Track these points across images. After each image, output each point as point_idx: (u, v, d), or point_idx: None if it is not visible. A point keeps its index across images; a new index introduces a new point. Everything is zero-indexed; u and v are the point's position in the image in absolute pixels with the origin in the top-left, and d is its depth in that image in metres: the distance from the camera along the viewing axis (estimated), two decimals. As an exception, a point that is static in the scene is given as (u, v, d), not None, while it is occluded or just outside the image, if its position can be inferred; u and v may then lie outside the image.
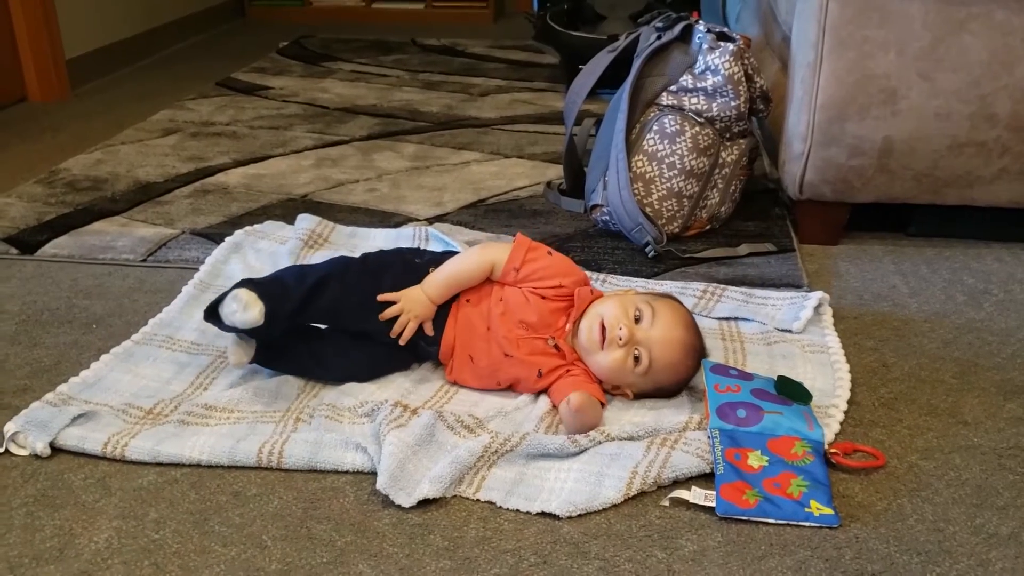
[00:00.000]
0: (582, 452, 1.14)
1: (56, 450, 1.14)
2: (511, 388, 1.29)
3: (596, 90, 1.88)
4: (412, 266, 1.32)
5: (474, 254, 1.31)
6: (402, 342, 1.28)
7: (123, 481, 1.10)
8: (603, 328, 1.22)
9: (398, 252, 1.39)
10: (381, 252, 1.38)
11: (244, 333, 1.23)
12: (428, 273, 1.30)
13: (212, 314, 1.21)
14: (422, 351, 1.32)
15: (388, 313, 1.27)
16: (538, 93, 2.86)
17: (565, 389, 1.22)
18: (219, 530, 1.02)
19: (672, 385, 1.26)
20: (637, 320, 1.23)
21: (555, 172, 2.12)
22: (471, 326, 1.28)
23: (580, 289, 1.28)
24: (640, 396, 1.26)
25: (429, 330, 1.29)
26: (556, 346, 1.26)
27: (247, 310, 1.17)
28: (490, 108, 2.69)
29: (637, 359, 1.22)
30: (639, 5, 3.00)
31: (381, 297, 1.27)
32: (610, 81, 1.87)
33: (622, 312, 1.23)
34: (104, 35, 3.10)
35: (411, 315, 1.27)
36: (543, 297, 1.27)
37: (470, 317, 1.28)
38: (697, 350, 1.26)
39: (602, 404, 1.23)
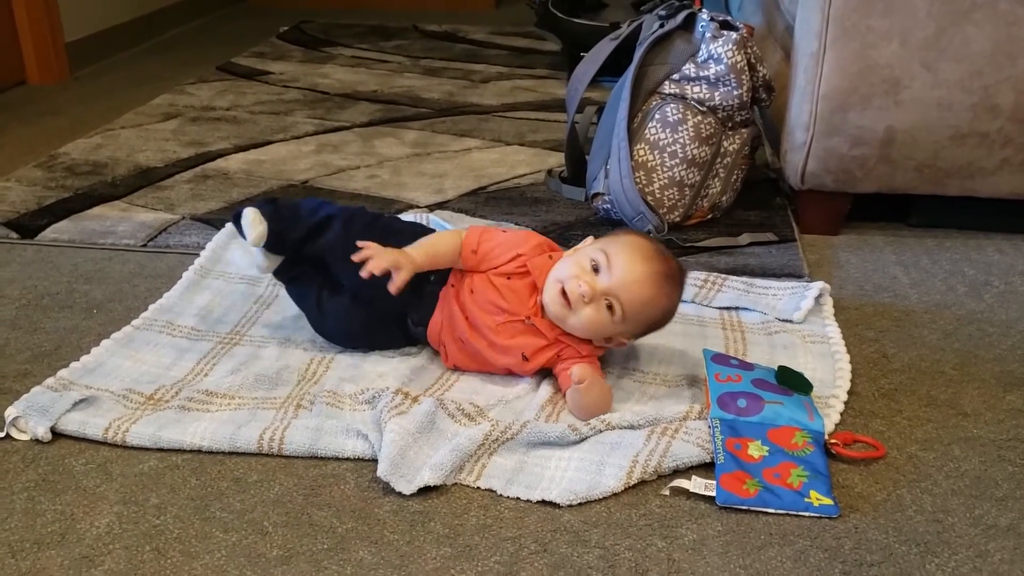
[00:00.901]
0: (583, 441, 1.14)
1: (57, 435, 1.15)
2: (509, 373, 1.29)
3: (598, 78, 1.88)
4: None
5: (443, 233, 1.32)
6: (365, 273, 1.19)
7: (124, 466, 1.10)
8: (564, 291, 1.20)
9: (412, 224, 1.39)
10: (395, 218, 1.39)
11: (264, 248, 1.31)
12: None
13: (237, 222, 1.31)
14: (411, 331, 1.32)
15: (360, 255, 1.21)
16: (539, 80, 2.85)
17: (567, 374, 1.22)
18: (220, 516, 1.03)
19: (660, 316, 1.23)
20: (596, 270, 1.20)
21: (556, 160, 2.12)
22: (454, 315, 1.27)
23: (532, 260, 1.25)
24: (639, 338, 1.26)
25: (398, 285, 1.20)
26: (533, 324, 1.24)
27: (251, 229, 1.27)
28: (491, 95, 2.68)
29: (611, 308, 1.19)
30: (642, -8, 2.99)
31: (357, 256, 1.21)
32: (612, 69, 1.87)
33: (578, 268, 1.20)
34: (104, 18, 3.09)
35: (382, 258, 1.20)
36: (508, 277, 1.26)
37: (452, 306, 1.28)
38: (668, 274, 1.21)
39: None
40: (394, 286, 1.20)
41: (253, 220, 1.27)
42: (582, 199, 1.87)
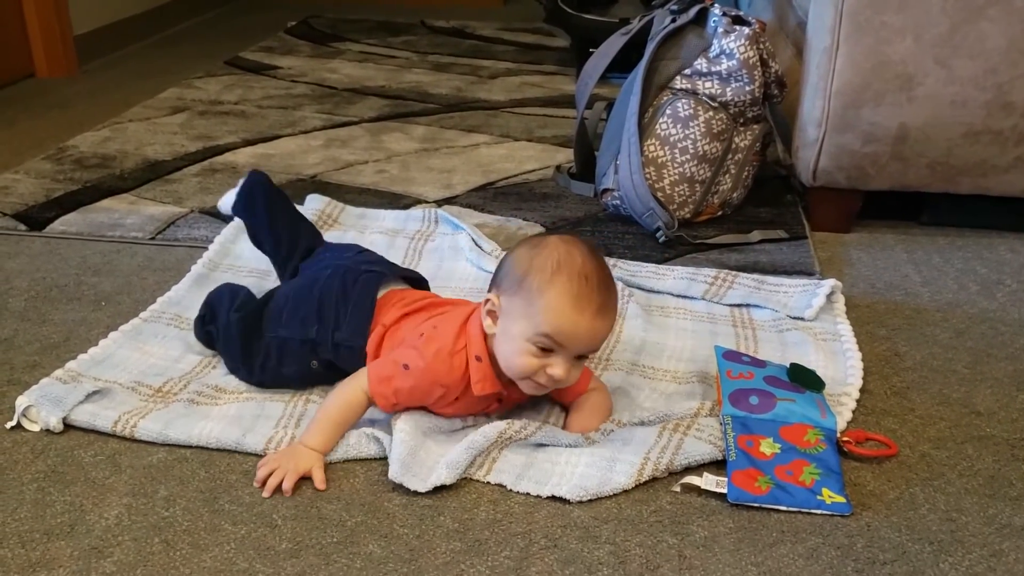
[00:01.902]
0: (594, 445, 1.13)
1: (66, 426, 1.14)
2: None
3: (606, 74, 1.87)
4: (350, 283, 1.22)
5: (341, 393, 1.12)
6: (267, 494, 1.04)
7: (133, 458, 1.10)
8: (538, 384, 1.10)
9: (340, 273, 1.25)
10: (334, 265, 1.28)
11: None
12: (366, 294, 1.21)
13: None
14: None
15: (259, 478, 1.06)
16: (547, 76, 2.85)
17: (564, 396, 1.18)
18: (229, 509, 1.02)
19: (612, 320, 1.09)
20: (545, 350, 1.06)
21: (564, 156, 2.11)
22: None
23: (462, 383, 1.12)
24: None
25: (320, 482, 1.06)
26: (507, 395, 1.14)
27: None
28: (499, 91, 2.67)
29: (581, 357, 1.09)
30: (651, -11, 2.98)
31: (257, 481, 1.06)
32: (621, 65, 1.86)
33: (530, 360, 1.07)
34: (112, 12, 3.09)
35: (288, 475, 1.05)
36: (455, 400, 1.14)
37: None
38: (601, 300, 1.06)
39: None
40: (319, 484, 1.05)
41: None
42: (591, 195, 1.87)
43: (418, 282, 1.30)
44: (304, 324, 1.21)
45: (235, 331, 1.25)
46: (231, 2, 3.94)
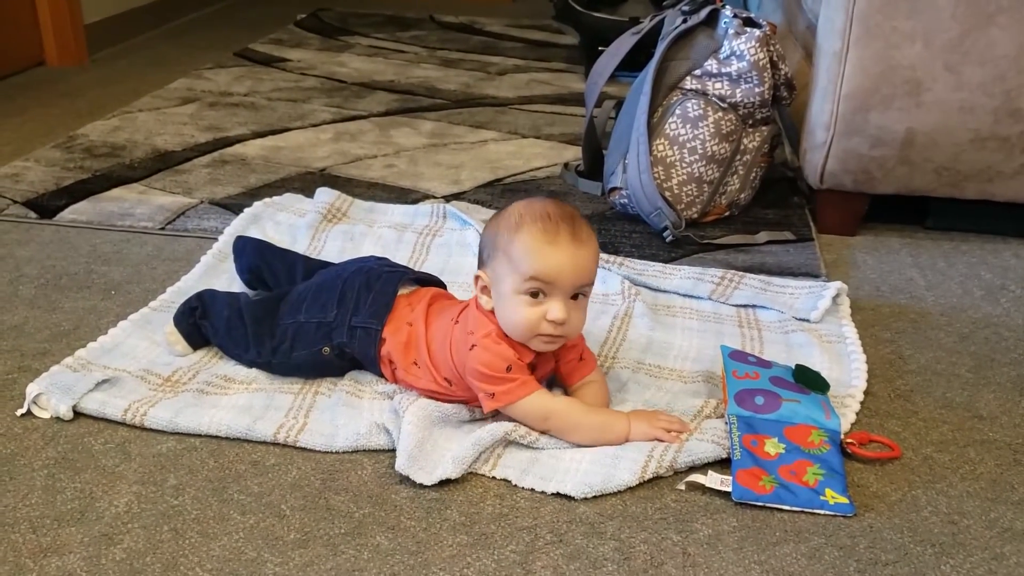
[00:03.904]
0: None
1: (76, 414, 1.15)
2: None
3: (615, 72, 1.88)
4: (374, 278, 1.25)
5: (536, 414, 1.12)
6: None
7: (142, 447, 1.11)
8: (544, 335, 1.11)
9: (364, 271, 1.28)
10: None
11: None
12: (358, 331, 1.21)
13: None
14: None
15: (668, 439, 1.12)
16: (556, 74, 2.85)
17: (567, 380, 1.21)
18: (238, 498, 1.03)
19: (595, 248, 1.11)
20: (535, 294, 1.09)
21: (572, 153, 2.12)
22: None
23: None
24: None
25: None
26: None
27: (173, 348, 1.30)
28: (508, 87, 2.68)
29: (577, 297, 1.11)
30: (660, -12, 2.99)
31: None
32: (629, 64, 1.87)
33: (526, 311, 1.09)
34: (123, 1, 3.09)
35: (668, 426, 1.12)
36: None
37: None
38: (571, 227, 1.09)
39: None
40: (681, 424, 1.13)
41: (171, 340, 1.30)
42: (598, 193, 1.87)
43: (438, 286, 1.32)
44: (324, 308, 1.24)
45: (248, 313, 1.27)
46: (240, -7, 3.94)
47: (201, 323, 1.30)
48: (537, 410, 1.12)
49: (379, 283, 1.25)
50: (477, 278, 1.14)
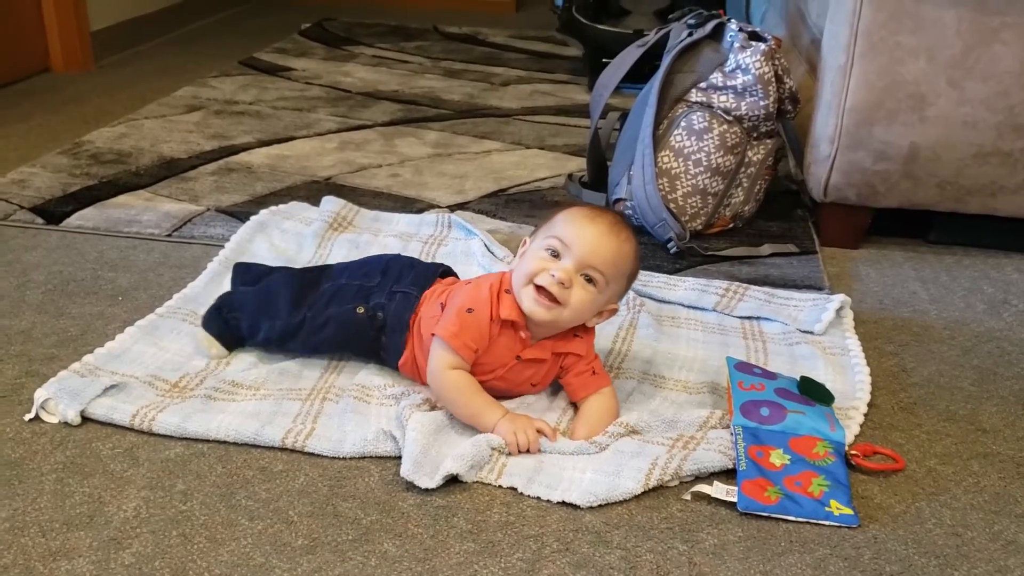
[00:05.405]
0: (603, 450, 1.14)
1: (84, 419, 1.16)
2: None
3: (620, 85, 1.89)
4: (416, 262, 1.34)
5: (446, 384, 1.18)
6: (513, 451, 1.14)
7: (151, 452, 1.11)
8: (539, 288, 1.14)
9: (404, 256, 1.37)
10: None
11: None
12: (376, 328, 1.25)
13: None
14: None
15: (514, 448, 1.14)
16: (559, 85, 2.86)
17: (577, 393, 1.22)
18: (246, 504, 1.04)
19: (633, 261, 1.19)
20: (556, 255, 1.15)
21: (576, 164, 2.13)
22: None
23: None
24: (624, 295, 1.24)
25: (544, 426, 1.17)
26: (524, 360, 1.19)
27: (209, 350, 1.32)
28: (511, 98, 2.69)
29: (591, 280, 1.14)
30: (664, 2, 3.01)
31: None
32: (634, 77, 1.88)
33: (539, 261, 1.15)
34: (129, 8, 3.11)
35: (523, 433, 1.14)
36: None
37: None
38: (616, 222, 1.17)
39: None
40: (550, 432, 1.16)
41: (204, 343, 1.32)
42: (603, 204, 1.88)
43: None
44: (367, 276, 1.30)
45: (294, 278, 1.33)
46: (246, 2, 3.96)
47: (229, 317, 1.31)
48: (443, 362, 1.16)
49: (422, 266, 1.33)
50: (523, 242, 1.22)
